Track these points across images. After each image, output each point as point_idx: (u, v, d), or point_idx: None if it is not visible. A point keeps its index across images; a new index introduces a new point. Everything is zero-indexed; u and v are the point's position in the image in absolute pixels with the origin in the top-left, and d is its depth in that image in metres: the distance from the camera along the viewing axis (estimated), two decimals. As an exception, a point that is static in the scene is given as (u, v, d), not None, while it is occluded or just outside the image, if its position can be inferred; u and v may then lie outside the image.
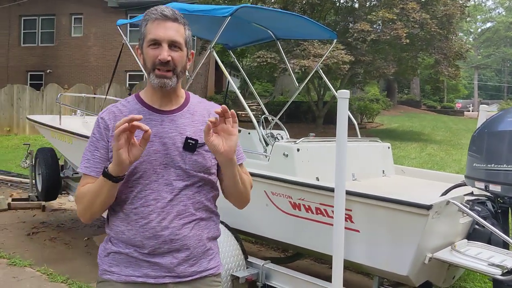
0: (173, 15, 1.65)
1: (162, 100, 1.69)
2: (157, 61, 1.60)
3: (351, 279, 4.47)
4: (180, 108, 1.72)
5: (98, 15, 22.44)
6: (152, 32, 1.63)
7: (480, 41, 55.37)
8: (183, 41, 1.65)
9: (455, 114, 34.03)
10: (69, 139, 5.47)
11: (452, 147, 14.81)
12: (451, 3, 16.31)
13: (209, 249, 1.74)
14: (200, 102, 1.79)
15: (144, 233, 1.62)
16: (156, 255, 1.62)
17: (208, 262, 1.73)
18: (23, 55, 23.24)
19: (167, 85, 1.63)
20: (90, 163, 1.67)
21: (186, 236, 1.64)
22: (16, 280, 4.32)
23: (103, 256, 1.71)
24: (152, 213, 1.61)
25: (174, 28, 1.63)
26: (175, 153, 1.64)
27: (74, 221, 6.62)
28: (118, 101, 1.94)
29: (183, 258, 1.65)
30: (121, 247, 1.66)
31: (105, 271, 1.68)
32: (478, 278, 4.36)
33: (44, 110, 17.71)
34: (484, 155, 3.17)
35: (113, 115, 1.69)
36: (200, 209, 1.69)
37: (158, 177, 1.62)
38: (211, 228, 1.75)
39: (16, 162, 11.36)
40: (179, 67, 1.65)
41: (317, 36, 7.13)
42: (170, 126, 1.67)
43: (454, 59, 17.05)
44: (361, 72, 17.09)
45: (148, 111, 1.68)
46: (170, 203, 1.62)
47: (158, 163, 1.63)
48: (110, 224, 1.71)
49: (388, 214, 2.89)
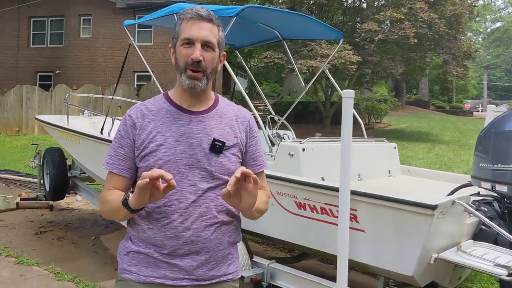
0: (208, 16, 1.64)
1: (191, 100, 1.69)
2: (189, 61, 1.60)
3: (357, 279, 4.46)
4: (208, 110, 1.71)
5: (107, 16, 22.55)
6: (186, 31, 1.62)
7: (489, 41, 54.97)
8: (216, 42, 1.64)
9: (464, 114, 33.78)
10: (76, 139, 5.51)
11: (460, 147, 14.72)
12: (460, 2, 16.22)
13: (229, 253, 1.73)
14: (228, 105, 1.79)
15: (165, 232, 1.61)
16: (175, 256, 1.62)
17: (228, 267, 1.72)
18: (32, 56, 23.41)
19: (197, 87, 1.62)
20: (113, 160, 1.67)
21: (207, 239, 1.64)
22: (24, 278, 4.36)
23: (122, 255, 1.71)
24: (174, 213, 1.61)
25: (208, 28, 1.62)
26: (201, 154, 1.63)
27: (82, 220, 6.66)
28: (125, 101, 1.95)
29: (203, 261, 1.64)
30: (141, 246, 1.65)
31: (124, 270, 1.68)
32: (485, 279, 4.33)
33: (53, 111, 17.83)
34: (491, 155, 3.16)
35: (141, 114, 1.68)
36: (222, 212, 1.68)
37: (183, 177, 1.61)
38: (232, 232, 1.74)
39: (24, 162, 11.46)
40: (210, 68, 1.64)
41: (323, 36, 7.12)
42: (197, 127, 1.66)
43: (463, 59, 16.96)
44: (368, 73, 17.05)
45: (176, 110, 1.68)
46: (193, 204, 1.62)
47: (183, 163, 1.62)
48: (131, 221, 1.70)
49: (393, 214, 2.89)
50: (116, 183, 1.67)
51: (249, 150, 1.76)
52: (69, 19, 23.12)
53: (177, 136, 1.63)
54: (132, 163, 1.67)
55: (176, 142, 1.61)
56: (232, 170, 1.67)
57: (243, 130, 1.75)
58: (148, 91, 18.88)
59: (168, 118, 1.66)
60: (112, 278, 4.43)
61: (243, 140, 1.74)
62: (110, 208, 1.62)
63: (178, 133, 1.63)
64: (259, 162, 1.79)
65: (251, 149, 1.77)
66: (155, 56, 21.57)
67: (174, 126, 1.64)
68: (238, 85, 4.34)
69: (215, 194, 1.65)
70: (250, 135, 1.77)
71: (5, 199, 7.02)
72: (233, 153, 1.68)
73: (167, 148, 1.61)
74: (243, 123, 1.76)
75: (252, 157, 1.77)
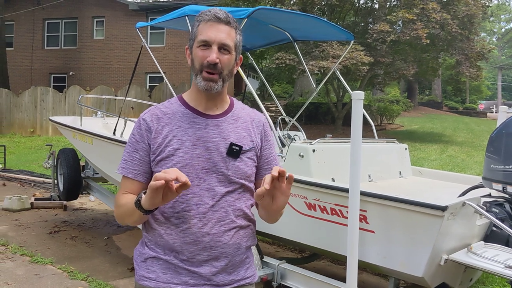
0: (226, 18, 1.61)
1: (207, 103, 1.67)
2: (205, 63, 1.58)
3: (367, 280, 4.47)
4: (224, 113, 1.69)
5: (120, 18, 22.75)
6: (203, 33, 1.60)
7: (504, 41, 54.36)
8: (233, 44, 1.62)
9: (478, 115, 33.48)
10: (89, 140, 5.57)
11: (473, 148, 14.59)
12: (473, 3, 16.07)
13: (247, 257, 1.73)
14: (243, 108, 1.78)
15: (185, 238, 1.60)
16: (194, 263, 1.61)
17: (246, 271, 1.72)
18: (46, 57, 23.70)
19: (213, 88, 1.60)
20: (128, 165, 1.65)
21: (226, 244, 1.62)
22: (38, 277, 4.42)
23: (139, 261, 1.69)
24: (193, 218, 1.59)
25: (225, 31, 1.60)
26: (218, 158, 1.62)
27: (95, 220, 6.73)
28: (138, 103, 1.97)
29: (222, 266, 1.63)
30: (159, 252, 1.64)
31: (142, 277, 1.66)
32: (497, 281, 4.30)
33: (66, 112, 18.03)
34: (502, 156, 3.14)
35: (155, 117, 1.66)
36: (240, 216, 1.66)
37: (200, 181, 1.60)
38: (249, 236, 1.73)
39: (39, 162, 11.60)
40: (226, 70, 1.62)
41: (334, 38, 7.11)
42: (214, 130, 1.64)
43: (476, 60, 16.79)
44: (381, 73, 16.97)
45: (192, 114, 1.66)
46: (211, 208, 1.60)
47: (201, 168, 1.60)
48: (147, 226, 1.68)
49: (403, 215, 2.89)
50: (131, 187, 1.65)
51: (263, 153, 1.75)
52: (82, 21, 23.38)
53: (194, 140, 1.61)
54: (147, 167, 1.65)
55: (193, 146, 1.60)
56: (248, 174, 1.67)
57: (258, 133, 1.74)
58: (160, 92, 19.01)
59: (184, 121, 1.64)
60: (125, 277, 4.48)
61: (258, 144, 1.73)
62: (123, 211, 1.61)
63: (195, 137, 1.61)
64: (273, 166, 1.75)
65: (266, 152, 1.76)
66: (167, 57, 21.71)
67: (190, 129, 1.63)
68: (249, 87, 4.37)
69: (233, 198, 1.64)
70: (264, 139, 1.76)
71: (20, 199, 7.12)
72: (249, 157, 1.68)
73: (184, 152, 1.60)
74: (258, 126, 1.75)
75: (266, 160, 1.76)
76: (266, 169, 1.75)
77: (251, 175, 1.70)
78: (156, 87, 19.49)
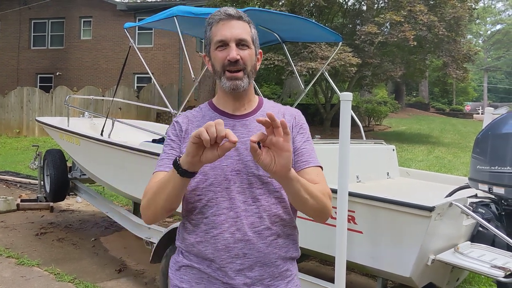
0: (237, 14, 1.58)
1: (235, 104, 1.62)
2: (226, 62, 1.53)
3: (356, 280, 4.49)
4: (252, 112, 1.63)
5: (107, 18, 22.60)
6: (218, 33, 1.55)
7: (489, 43, 55.00)
8: (250, 38, 1.57)
9: (464, 116, 33.81)
10: (76, 140, 5.53)
11: (460, 149, 14.73)
12: (460, 5, 16.25)
13: (287, 270, 1.60)
14: (274, 106, 1.70)
15: (216, 244, 1.50)
16: (227, 272, 1.50)
17: (286, 285, 1.58)
18: (33, 58, 23.46)
19: (239, 87, 1.54)
20: (164, 162, 1.58)
21: (261, 253, 1.52)
22: (24, 279, 4.38)
23: (174, 270, 1.63)
24: (224, 222, 1.50)
25: (239, 26, 1.56)
26: (247, 159, 1.53)
27: (82, 222, 6.68)
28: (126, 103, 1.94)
29: (257, 277, 1.52)
30: (192, 260, 1.57)
31: (175, 286, 1.60)
32: (483, 280, 4.35)
33: (53, 112, 17.86)
34: (488, 157, 3.17)
35: (187, 119, 1.65)
36: (277, 223, 1.55)
37: (230, 184, 1.51)
38: (289, 247, 1.61)
39: (25, 163, 11.48)
40: (249, 66, 1.56)
41: (322, 39, 7.16)
42: (242, 131, 1.58)
43: (462, 62, 16.98)
44: (368, 75, 17.07)
45: (220, 116, 1.60)
46: (244, 213, 1.50)
47: (230, 169, 1.52)
48: (179, 237, 1.63)
49: (391, 215, 2.90)
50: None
51: (295, 146, 1.62)
52: (69, 21, 23.18)
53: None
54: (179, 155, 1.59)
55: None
56: None
57: (289, 127, 1.57)
58: (148, 93, 18.93)
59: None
60: (112, 279, 4.45)
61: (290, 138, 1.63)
62: (156, 188, 1.45)
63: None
64: (305, 158, 1.61)
65: (297, 145, 1.63)
66: (156, 58, 21.62)
67: None
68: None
69: (269, 203, 1.53)
70: (295, 131, 1.64)
71: (5, 200, 7.05)
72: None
73: None
74: (289, 120, 1.64)
75: (297, 153, 1.62)
76: (298, 161, 1.60)
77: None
78: (144, 87, 19.40)
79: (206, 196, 1.52)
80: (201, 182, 1.52)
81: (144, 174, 4.50)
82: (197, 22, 4.79)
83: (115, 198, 7.75)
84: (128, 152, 4.53)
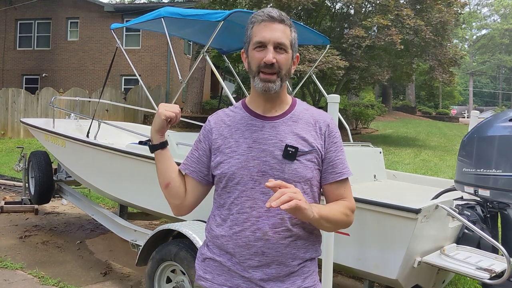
0: (280, 17, 1.59)
1: (266, 105, 1.65)
2: (262, 64, 1.56)
3: (342, 282, 4.49)
4: (283, 115, 1.65)
5: (95, 20, 22.46)
6: (258, 34, 1.58)
7: (475, 47, 55.72)
8: (288, 43, 1.59)
9: (450, 120, 34.21)
10: (62, 142, 5.47)
11: (446, 152, 14.87)
12: (446, 10, 16.42)
13: (304, 266, 1.64)
14: (307, 109, 1.71)
15: (237, 240, 1.58)
16: (246, 268, 1.58)
17: (303, 281, 1.63)
18: (18, 58, 23.22)
19: (271, 89, 1.58)
20: (187, 161, 1.73)
21: (279, 253, 1.57)
22: (8, 283, 4.31)
23: (200, 261, 1.73)
24: (247, 221, 1.57)
25: (280, 29, 1.58)
26: (274, 161, 1.57)
27: (67, 224, 6.60)
28: (112, 105, 1.99)
29: (274, 275, 1.58)
30: (215, 253, 1.65)
31: (200, 276, 1.70)
32: (469, 282, 4.38)
33: (39, 114, 17.66)
34: (474, 160, 3.19)
35: (219, 119, 1.71)
36: (297, 225, 1.59)
37: (255, 184, 1.57)
38: (309, 248, 1.65)
39: (9, 165, 11.32)
40: (284, 70, 1.59)
41: (310, 42, 7.15)
42: (270, 132, 1.61)
43: (449, 66, 17.16)
44: (356, 78, 17.17)
45: (250, 116, 1.65)
46: (266, 213, 1.56)
47: (256, 170, 1.58)
48: (207, 227, 1.72)
49: (378, 217, 2.91)
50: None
51: (327, 156, 1.66)
52: (56, 22, 22.99)
53: (250, 142, 1.60)
54: (203, 167, 1.69)
55: (249, 148, 1.58)
56: (307, 178, 1.60)
57: (321, 135, 1.66)
58: (135, 94, 18.83)
59: (242, 124, 1.64)
60: (97, 282, 4.40)
61: (321, 146, 1.65)
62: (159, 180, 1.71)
63: (251, 139, 1.60)
64: (338, 170, 1.67)
65: (330, 155, 1.66)
66: (143, 59, 21.53)
67: (247, 132, 1.62)
68: (225, 90, 4.35)
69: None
70: (329, 140, 1.67)
71: (-11, 202, 6.94)
72: (309, 159, 1.60)
73: (240, 155, 1.59)
74: (321, 128, 1.67)
75: (330, 164, 1.66)
76: (331, 172, 1.66)
77: (311, 178, 1.62)
78: (131, 89, 19.30)
79: (233, 194, 1.61)
80: (230, 180, 1.61)
81: (130, 176, 4.47)
82: (184, 23, 4.78)
83: (101, 201, 7.69)
84: (114, 154, 4.49)
